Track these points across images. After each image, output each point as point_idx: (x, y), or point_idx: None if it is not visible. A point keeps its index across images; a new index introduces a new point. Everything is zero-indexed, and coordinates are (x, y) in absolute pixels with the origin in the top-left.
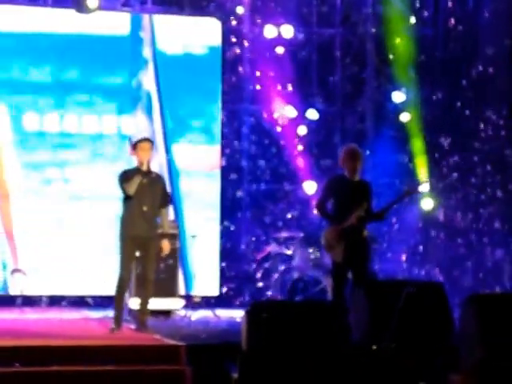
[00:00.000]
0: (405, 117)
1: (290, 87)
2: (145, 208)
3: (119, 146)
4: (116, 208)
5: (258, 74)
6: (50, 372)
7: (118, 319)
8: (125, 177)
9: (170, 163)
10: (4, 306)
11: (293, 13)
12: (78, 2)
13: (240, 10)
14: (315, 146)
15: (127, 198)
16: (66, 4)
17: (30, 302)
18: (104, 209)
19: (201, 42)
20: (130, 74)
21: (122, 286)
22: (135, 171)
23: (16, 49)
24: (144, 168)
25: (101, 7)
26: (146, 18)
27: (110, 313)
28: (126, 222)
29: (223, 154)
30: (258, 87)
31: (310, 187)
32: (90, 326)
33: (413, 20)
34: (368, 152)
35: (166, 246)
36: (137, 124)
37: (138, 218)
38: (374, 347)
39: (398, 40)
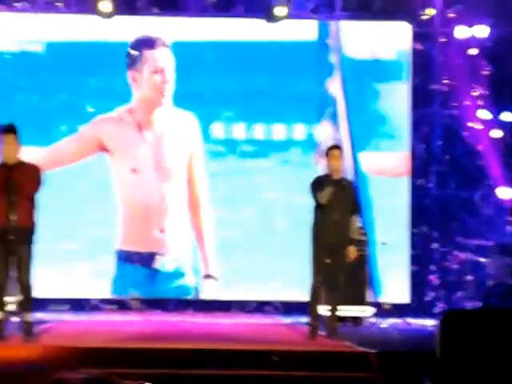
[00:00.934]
0: None
1: (482, 90)
2: (336, 216)
3: (307, 153)
4: (303, 215)
5: (448, 76)
6: (242, 375)
7: (313, 327)
8: (317, 185)
9: (358, 170)
10: (196, 310)
11: (487, 12)
12: (268, 11)
13: (431, 11)
14: (510, 150)
15: (319, 206)
16: (256, 13)
17: (221, 306)
18: (292, 216)
19: (389, 47)
20: (317, 80)
21: (315, 294)
22: (327, 179)
23: (206, 59)
24: (335, 176)
25: (289, 15)
26: (333, 24)
27: (301, 318)
28: (318, 230)
29: (411, 159)
30: (448, 90)
31: (504, 193)
32: (282, 332)
33: None
34: None
35: (352, 252)
36: (323, 131)
37: (329, 225)
38: None
39: None
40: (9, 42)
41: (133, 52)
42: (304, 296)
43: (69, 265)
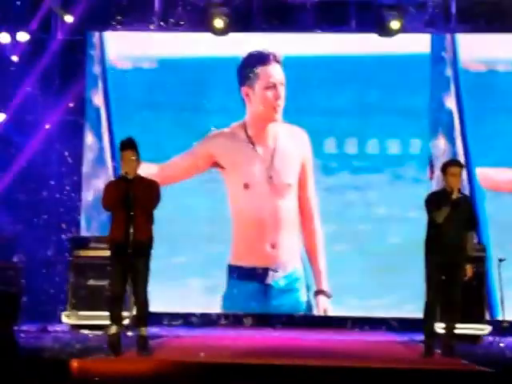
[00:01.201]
0: None
1: None
2: (452, 232)
3: (420, 168)
4: (417, 230)
5: None
6: None
7: (429, 345)
8: (434, 203)
9: (474, 185)
10: (308, 326)
11: None
12: (381, 25)
13: None
14: None
15: (433, 222)
16: (368, 28)
17: (333, 322)
18: (405, 231)
19: (507, 59)
20: (431, 94)
21: (430, 311)
22: (444, 197)
23: (318, 74)
24: (453, 194)
25: (404, 29)
26: (448, 37)
27: (416, 336)
28: (433, 247)
29: None
30: None
31: None
32: (396, 349)
33: None
34: None
35: (469, 269)
36: (438, 146)
37: (444, 242)
38: None
39: None
40: (124, 60)
41: (246, 68)
42: (419, 313)
43: (181, 279)
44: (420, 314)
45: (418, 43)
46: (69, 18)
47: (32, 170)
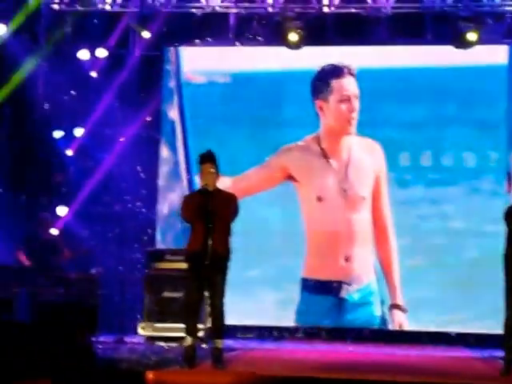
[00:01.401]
0: None
1: None
2: None
3: (498, 181)
4: (494, 244)
5: None
6: None
7: (508, 362)
8: None
9: None
10: (383, 341)
11: None
12: (458, 37)
13: None
14: None
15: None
16: (444, 40)
17: (408, 337)
18: (482, 245)
19: None
20: (508, 106)
21: (510, 327)
22: None
23: (393, 86)
24: None
25: (480, 40)
26: None
27: (495, 352)
28: None
29: None
30: None
31: None
32: (474, 366)
33: None
34: None
35: None
36: None
37: None
38: None
39: None
40: (199, 74)
41: (320, 81)
42: (498, 328)
43: (255, 292)
44: (498, 330)
45: (495, 54)
46: (146, 34)
47: (108, 183)
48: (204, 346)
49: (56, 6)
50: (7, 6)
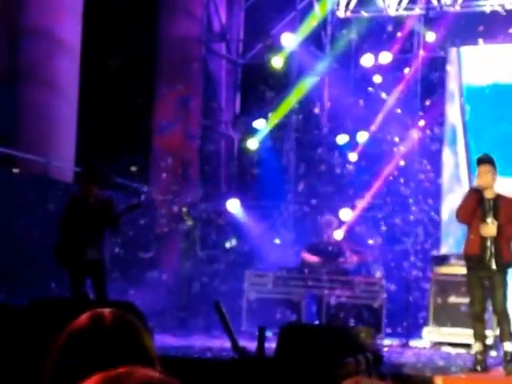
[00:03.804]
0: None
1: None
2: None
3: None
4: None
5: None
6: None
7: None
8: None
9: None
10: None
11: None
12: None
13: None
14: None
15: None
16: None
17: None
18: None
19: None
20: None
21: None
22: None
23: None
24: None
25: None
26: None
27: None
28: None
29: None
30: None
31: None
32: None
33: None
34: None
35: None
36: None
37: None
38: None
39: None
40: (481, 75)
41: None
42: None
43: None
44: None
45: None
46: (430, 36)
47: (390, 187)
48: (493, 353)
49: (341, 13)
50: (294, 16)
